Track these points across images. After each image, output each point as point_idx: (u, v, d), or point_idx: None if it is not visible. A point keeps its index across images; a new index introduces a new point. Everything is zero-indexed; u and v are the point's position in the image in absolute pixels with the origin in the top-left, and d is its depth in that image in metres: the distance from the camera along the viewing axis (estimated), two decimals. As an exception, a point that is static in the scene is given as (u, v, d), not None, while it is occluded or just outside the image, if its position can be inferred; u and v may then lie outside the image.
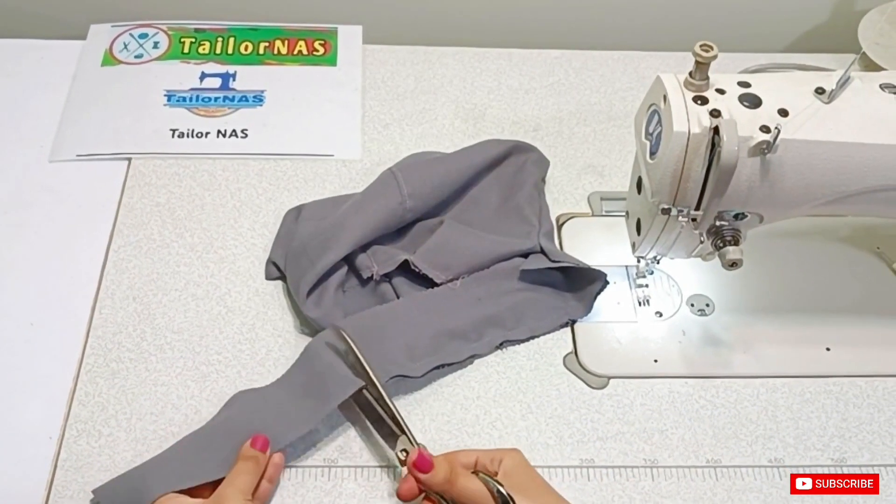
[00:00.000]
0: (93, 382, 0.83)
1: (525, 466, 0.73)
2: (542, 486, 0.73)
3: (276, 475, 0.76)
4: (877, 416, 0.84)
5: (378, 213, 0.90)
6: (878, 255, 0.94)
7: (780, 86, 0.75)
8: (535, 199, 0.95)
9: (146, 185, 0.98)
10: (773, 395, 0.84)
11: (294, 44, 1.15)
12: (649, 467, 0.79)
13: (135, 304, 0.88)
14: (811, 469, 0.79)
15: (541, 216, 0.94)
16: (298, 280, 0.87)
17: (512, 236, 0.91)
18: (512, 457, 0.73)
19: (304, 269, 0.87)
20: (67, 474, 0.77)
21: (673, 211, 0.75)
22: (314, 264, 0.86)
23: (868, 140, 0.73)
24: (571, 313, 0.88)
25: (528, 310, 0.88)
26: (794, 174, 0.73)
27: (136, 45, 1.13)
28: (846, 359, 0.87)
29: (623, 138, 1.06)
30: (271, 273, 0.91)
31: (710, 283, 0.91)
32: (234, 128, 1.04)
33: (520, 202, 0.94)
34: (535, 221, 0.93)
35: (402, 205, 0.90)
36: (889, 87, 0.75)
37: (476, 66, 1.14)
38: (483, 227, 0.92)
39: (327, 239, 0.88)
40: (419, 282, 0.88)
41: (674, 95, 0.72)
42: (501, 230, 0.92)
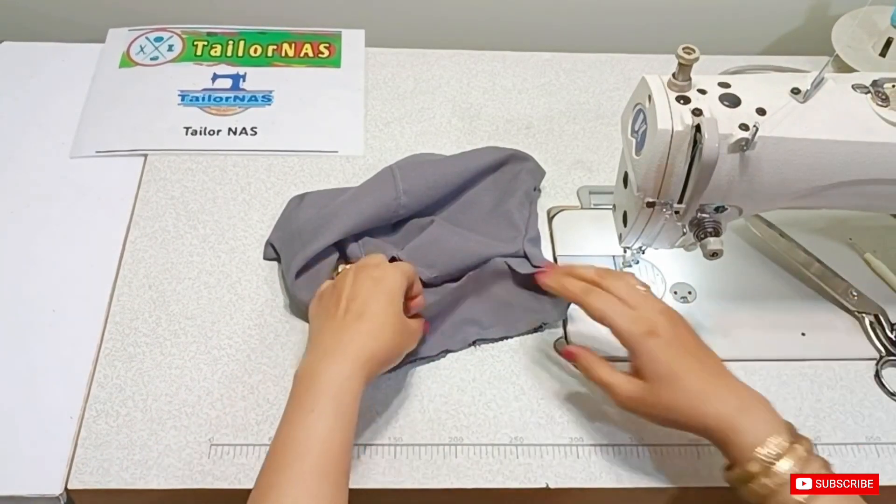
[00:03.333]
0: (111, 365, 0.82)
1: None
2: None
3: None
4: (849, 398, 0.84)
5: (372, 206, 0.89)
6: (851, 245, 0.94)
7: (758, 86, 0.75)
8: (524, 206, 0.94)
9: (161, 180, 0.98)
10: (751, 377, 0.84)
11: (300, 47, 1.14)
12: (635, 445, 0.79)
13: (150, 292, 0.88)
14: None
15: (528, 223, 0.92)
16: (290, 261, 0.86)
17: (498, 239, 0.90)
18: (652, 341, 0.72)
19: (295, 251, 0.87)
20: (87, 451, 0.77)
21: (657, 204, 0.75)
22: (305, 247, 0.86)
23: (841, 137, 0.73)
24: (546, 317, 0.87)
25: (506, 311, 0.87)
26: (771, 169, 0.73)
27: (151, 48, 1.12)
28: (820, 343, 0.87)
29: (610, 136, 1.05)
30: (268, 254, 0.91)
31: (692, 271, 0.91)
32: (244, 126, 1.04)
33: (510, 207, 0.93)
34: (522, 227, 0.91)
35: (396, 200, 0.89)
36: (860, 88, 0.75)
37: (472, 68, 1.13)
38: (472, 229, 0.91)
39: (321, 225, 0.87)
40: None
41: (658, 95, 0.72)
42: (489, 233, 0.91)
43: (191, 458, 0.77)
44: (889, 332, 0.87)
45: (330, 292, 0.77)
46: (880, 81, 0.75)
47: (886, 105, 0.74)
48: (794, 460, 0.65)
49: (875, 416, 0.82)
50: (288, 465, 0.64)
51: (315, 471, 0.63)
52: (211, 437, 0.78)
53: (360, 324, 0.72)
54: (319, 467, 0.64)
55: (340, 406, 0.66)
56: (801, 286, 0.91)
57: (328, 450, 0.65)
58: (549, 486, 0.77)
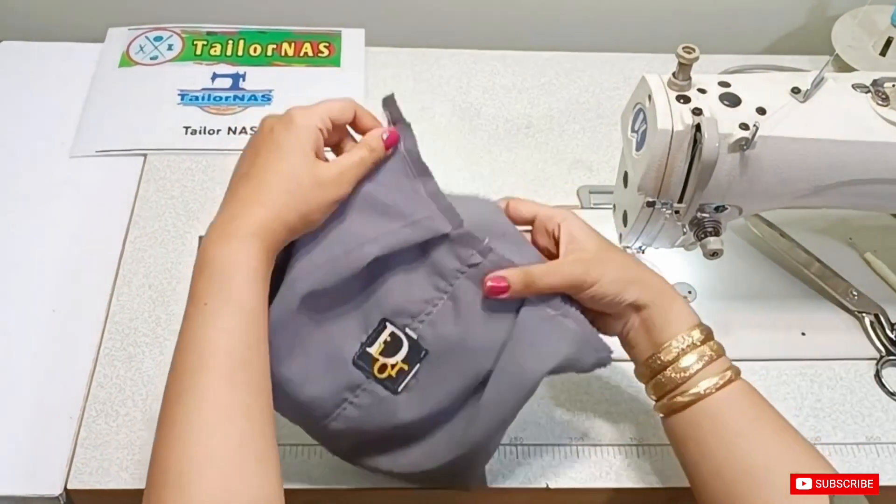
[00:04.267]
0: (111, 365, 0.82)
1: (585, 228, 0.70)
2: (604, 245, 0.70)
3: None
4: (849, 398, 0.83)
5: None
6: (851, 245, 0.94)
7: (759, 85, 0.75)
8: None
9: (161, 180, 0.98)
10: (751, 377, 0.83)
11: (300, 46, 1.14)
12: (635, 445, 0.79)
13: (150, 292, 0.88)
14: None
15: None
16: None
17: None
18: (569, 221, 0.69)
19: None
20: (87, 451, 0.77)
21: (657, 204, 0.75)
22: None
23: (841, 137, 0.73)
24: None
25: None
26: (771, 169, 0.72)
27: (151, 48, 1.12)
28: (820, 343, 0.87)
29: (610, 135, 1.05)
30: None
31: (692, 271, 0.91)
32: (244, 125, 1.04)
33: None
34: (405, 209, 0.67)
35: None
36: (860, 87, 0.75)
37: (472, 67, 1.13)
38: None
39: None
40: None
41: (658, 95, 0.72)
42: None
43: (190, 457, 0.76)
44: (889, 331, 0.86)
45: (241, 157, 0.65)
46: (880, 81, 0.75)
47: (886, 105, 0.74)
48: (697, 356, 0.67)
49: (875, 416, 0.82)
50: (190, 371, 0.55)
51: (220, 378, 0.55)
52: (211, 436, 0.78)
53: (243, 188, 0.61)
54: (224, 372, 0.55)
55: (235, 295, 0.57)
56: (801, 286, 0.91)
57: (228, 351, 0.56)
58: (549, 487, 0.77)
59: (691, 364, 0.67)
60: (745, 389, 0.68)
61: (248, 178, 0.62)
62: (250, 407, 0.55)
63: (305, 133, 0.63)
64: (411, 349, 0.67)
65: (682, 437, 0.68)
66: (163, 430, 0.55)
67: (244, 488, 0.53)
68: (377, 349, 0.67)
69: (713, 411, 0.66)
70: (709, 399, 0.66)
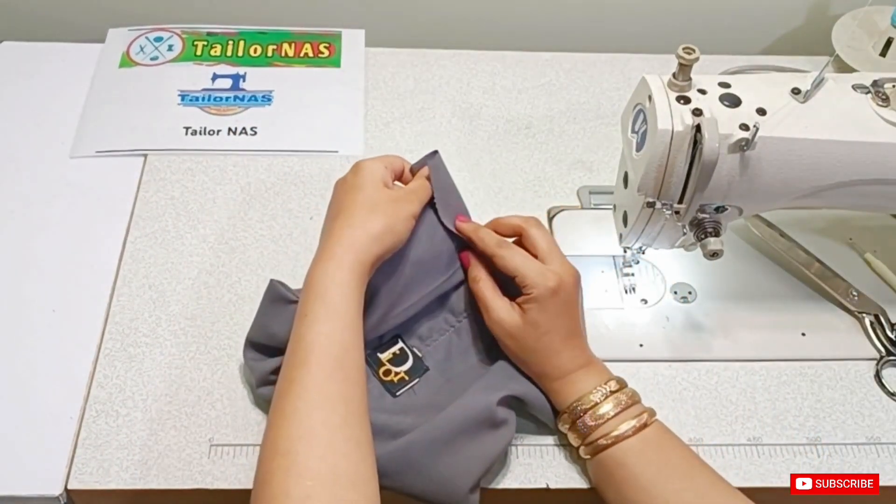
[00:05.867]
0: (111, 366, 0.82)
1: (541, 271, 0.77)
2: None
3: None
4: (849, 398, 0.83)
5: None
6: (851, 245, 0.94)
7: (759, 86, 0.75)
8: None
9: (161, 180, 0.98)
10: (751, 377, 0.84)
11: (300, 47, 1.14)
12: (635, 445, 0.79)
13: (150, 292, 0.88)
14: (787, 448, 0.79)
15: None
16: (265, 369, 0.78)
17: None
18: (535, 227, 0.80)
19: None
20: (87, 452, 0.77)
21: (657, 204, 0.75)
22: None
23: (841, 137, 0.73)
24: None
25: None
26: (771, 170, 0.72)
27: (151, 48, 1.12)
28: (820, 343, 0.87)
29: (610, 136, 1.05)
30: (248, 354, 0.80)
31: (692, 272, 0.91)
32: (244, 126, 1.04)
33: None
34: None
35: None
36: (861, 88, 0.75)
37: (472, 68, 1.13)
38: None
39: None
40: None
41: (658, 95, 0.72)
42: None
43: (191, 458, 0.77)
44: (889, 332, 0.86)
45: (327, 212, 0.79)
46: (880, 81, 0.75)
47: (886, 105, 0.74)
48: (613, 403, 0.74)
49: (875, 416, 0.82)
50: (296, 366, 0.66)
51: (321, 371, 0.65)
52: (211, 437, 0.78)
53: (332, 224, 0.74)
54: (324, 367, 0.66)
55: (330, 305, 0.68)
56: (801, 286, 0.91)
57: (327, 350, 0.67)
58: (549, 487, 0.76)
59: (608, 410, 0.73)
60: (659, 433, 0.74)
61: (334, 217, 0.75)
62: (347, 396, 0.65)
63: (373, 170, 0.77)
64: (415, 364, 0.80)
65: (602, 484, 0.74)
66: (274, 413, 0.65)
67: (344, 464, 0.62)
68: (386, 357, 0.81)
69: (623, 460, 0.72)
70: (623, 447, 0.72)
